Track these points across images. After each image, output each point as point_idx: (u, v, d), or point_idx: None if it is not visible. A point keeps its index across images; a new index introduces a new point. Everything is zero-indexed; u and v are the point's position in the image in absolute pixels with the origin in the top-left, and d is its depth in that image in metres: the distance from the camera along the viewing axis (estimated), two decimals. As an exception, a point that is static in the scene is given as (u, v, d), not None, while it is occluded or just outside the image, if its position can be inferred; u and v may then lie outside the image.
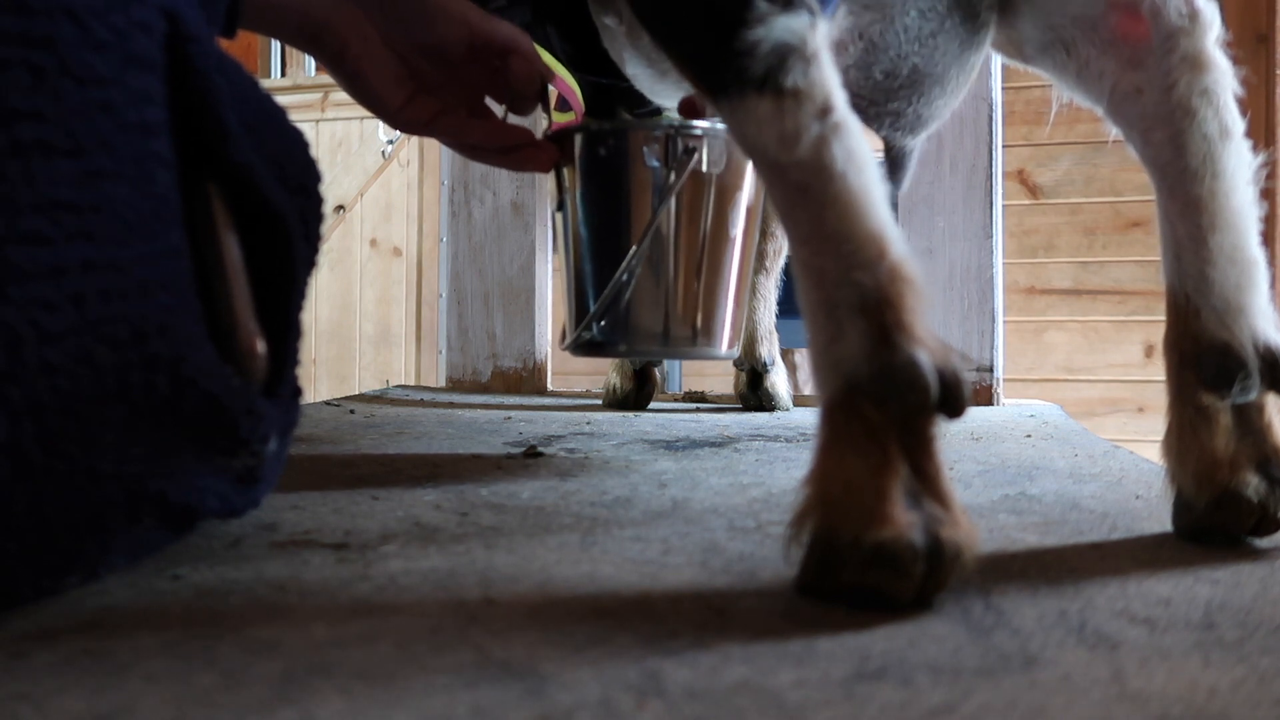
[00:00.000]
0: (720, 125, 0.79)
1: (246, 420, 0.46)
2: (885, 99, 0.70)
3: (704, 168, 0.78)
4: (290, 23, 0.71)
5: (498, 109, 0.81)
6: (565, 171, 0.82)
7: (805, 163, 0.46)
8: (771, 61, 0.46)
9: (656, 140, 0.78)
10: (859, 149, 0.46)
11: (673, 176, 0.77)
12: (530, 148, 0.80)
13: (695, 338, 0.81)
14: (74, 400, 0.39)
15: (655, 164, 0.78)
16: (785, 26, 0.46)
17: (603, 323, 0.79)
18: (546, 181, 0.88)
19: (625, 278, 0.78)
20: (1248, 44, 2.53)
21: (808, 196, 0.46)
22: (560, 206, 0.83)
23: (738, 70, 0.46)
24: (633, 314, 0.79)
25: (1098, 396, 2.69)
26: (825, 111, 0.46)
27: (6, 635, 0.38)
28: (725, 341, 0.82)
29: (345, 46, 0.72)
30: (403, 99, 0.76)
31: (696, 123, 0.79)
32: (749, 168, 0.81)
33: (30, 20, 0.38)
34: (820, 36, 0.47)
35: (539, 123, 0.85)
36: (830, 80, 0.47)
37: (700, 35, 0.49)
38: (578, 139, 0.81)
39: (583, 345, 0.81)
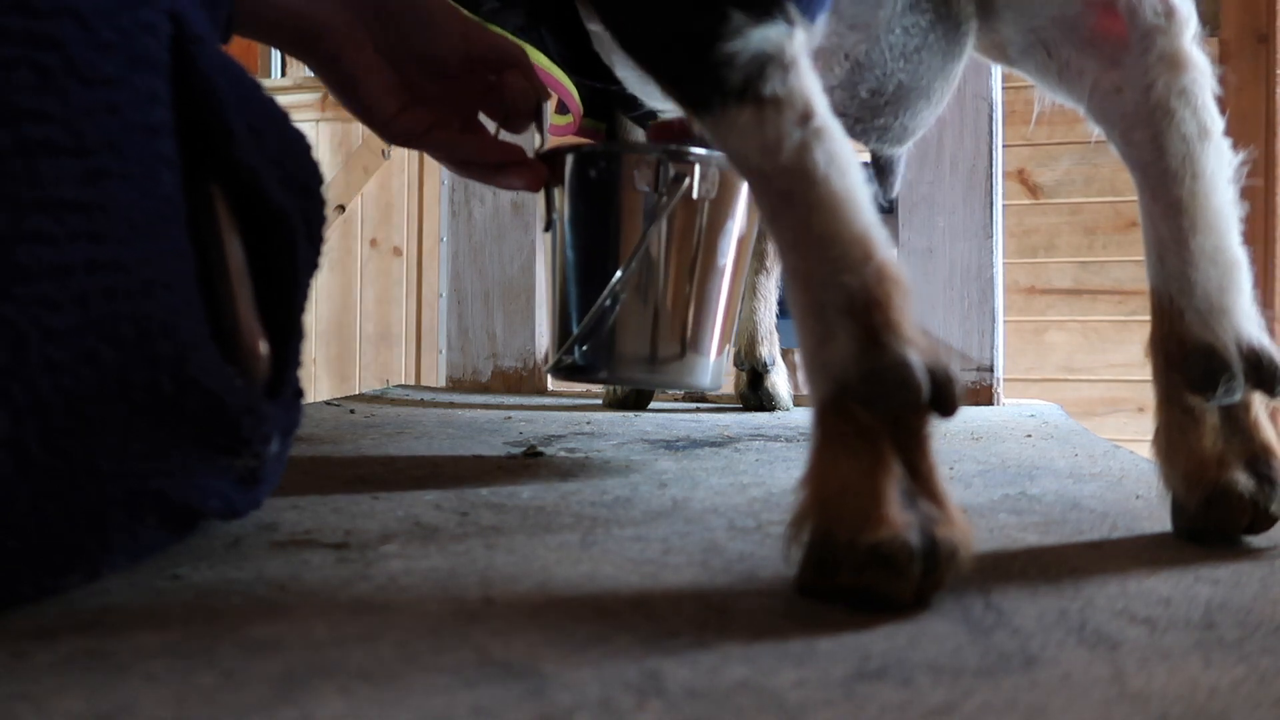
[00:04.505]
0: (715, 152, 0.77)
1: (248, 420, 0.46)
2: (872, 116, 0.70)
3: (694, 194, 0.77)
4: (285, 27, 0.70)
5: (490, 125, 0.80)
6: (555, 192, 0.81)
7: (788, 169, 0.46)
8: (750, 71, 0.46)
9: (648, 165, 0.76)
10: (841, 152, 0.46)
11: (662, 201, 0.76)
12: (521, 166, 0.78)
13: (680, 367, 0.79)
14: (77, 399, 0.39)
15: (645, 189, 0.77)
16: (762, 37, 0.46)
17: (585, 347, 0.77)
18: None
19: (609, 303, 0.76)
20: (1248, 44, 2.53)
21: (792, 202, 0.46)
22: (549, 227, 0.82)
23: (716, 83, 0.47)
24: (617, 339, 0.77)
25: (1098, 396, 2.69)
26: (806, 118, 0.46)
27: (6, 635, 0.38)
28: (710, 372, 0.81)
29: (339, 53, 0.71)
30: (395, 109, 0.74)
31: (691, 149, 0.78)
32: (742, 196, 0.79)
33: (36, 21, 0.38)
34: (798, 44, 0.47)
35: (534, 140, 0.84)
36: (810, 86, 0.47)
37: (678, 53, 0.49)
38: (569, 159, 0.79)
39: (563, 369, 0.79)
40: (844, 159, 0.46)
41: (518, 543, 0.54)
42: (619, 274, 0.76)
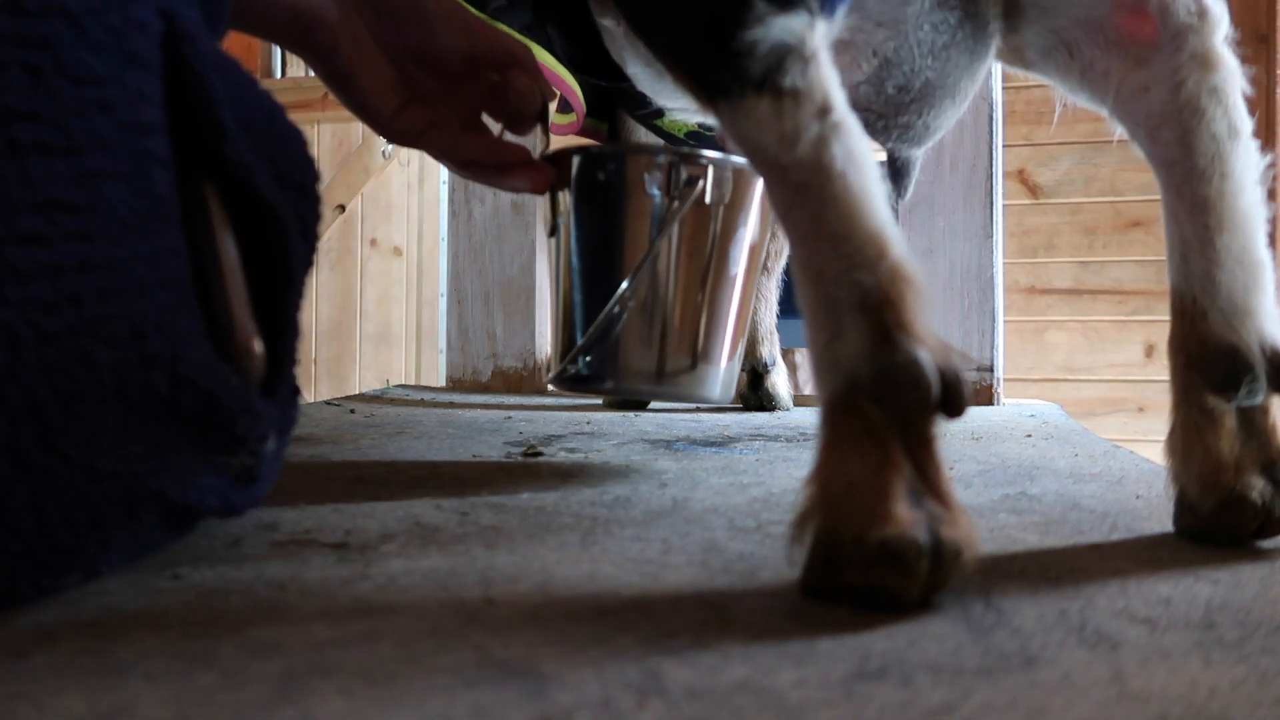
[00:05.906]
0: (727, 155, 0.75)
1: (244, 419, 0.46)
2: (896, 113, 0.69)
3: (707, 199, 0.74)
4: (279, 19, 0.68)
5: (494, 126, 0.78)
6: (560, 195, 0.78)
7: (805, 162, 0.46)
8: (770, 62, 0.46)
9: (658, 167, 0.74)
10: (858, 148, 0.46)
11: (674, 206, 0.73)
12: (525, 167, 0.76)
13: (688, 379, 0.76)
14: (73, 399, 0.39)
15: (656, 192, 0.74)
16: (784, 27, 0.46)
17: (589, 357, 0.75)
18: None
19: (616, 310, 0.73)
20: (1248, 44, 2.53)
21: (807, 196, 0.46)
22: (553, 231, 0.79)
23: (736, 71, 0.46)
24: (623, 350, 0.74)
25: (1098, 396, 2.69)
26: (824, 111, 0.46)
27: (6, 635, 0.38)
28: (719, 384, 0.78)
29: (336, 48, 0.69)
30: (394, 107, 0.72)
31: (703, 151, 0.74)
32: (755, 202, 0.77)
33: (26, 20, 0.38)
34: (819, 36, 0.47)
35: (538, 141, 0.82)
36: (829, 80, 0.46)
37: (697, 39, 0.49)
38: (575, 161, 0.76)
39: (567, 379, 0.76)
40: (861, 155, 0.46)
41: (518, 542, 0.54)
42: (627, 282, 0.73)
